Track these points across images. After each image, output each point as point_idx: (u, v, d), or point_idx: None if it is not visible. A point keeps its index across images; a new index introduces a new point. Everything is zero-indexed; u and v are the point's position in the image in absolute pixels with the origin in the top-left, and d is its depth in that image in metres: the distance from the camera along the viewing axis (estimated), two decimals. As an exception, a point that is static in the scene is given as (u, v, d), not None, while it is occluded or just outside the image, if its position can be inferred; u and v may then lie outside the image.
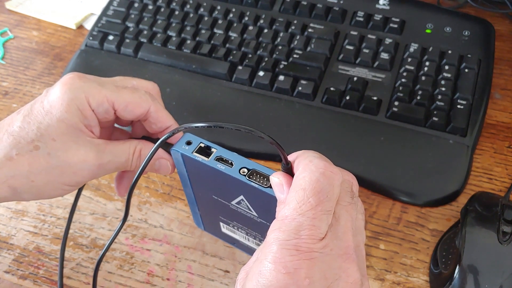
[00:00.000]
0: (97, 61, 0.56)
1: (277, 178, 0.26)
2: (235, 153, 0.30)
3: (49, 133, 0.31)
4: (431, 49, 0.50)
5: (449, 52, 0.50)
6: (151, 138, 0.37)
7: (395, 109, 0.47)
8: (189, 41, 0.55)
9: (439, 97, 0.47)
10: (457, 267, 0.36)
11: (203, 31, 0.56)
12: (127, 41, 0.56)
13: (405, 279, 0.40)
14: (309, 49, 0.52)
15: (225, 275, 0.41)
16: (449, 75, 0.48)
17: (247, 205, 0.32)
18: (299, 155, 0.26)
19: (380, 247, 0.42)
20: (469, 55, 0.49)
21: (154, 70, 0.54)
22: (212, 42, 0.54)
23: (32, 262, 0.43)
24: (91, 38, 0.57)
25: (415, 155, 0.45)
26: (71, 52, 0.60)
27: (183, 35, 0.56)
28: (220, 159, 0.30)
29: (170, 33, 0.56)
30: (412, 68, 0.49)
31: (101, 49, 0.57)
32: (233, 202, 0.32)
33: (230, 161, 0.30)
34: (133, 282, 0.41)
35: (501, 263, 0.36)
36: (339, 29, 0.54)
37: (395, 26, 0.52)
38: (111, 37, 0.57)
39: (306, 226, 0.23)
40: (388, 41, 0.51)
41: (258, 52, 0.53)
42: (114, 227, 0.45)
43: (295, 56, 0.52)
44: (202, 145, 0.31)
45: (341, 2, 0.55)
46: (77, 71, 0.43)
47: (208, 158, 0.30)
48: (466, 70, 0.49)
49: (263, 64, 0.52)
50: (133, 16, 0.58)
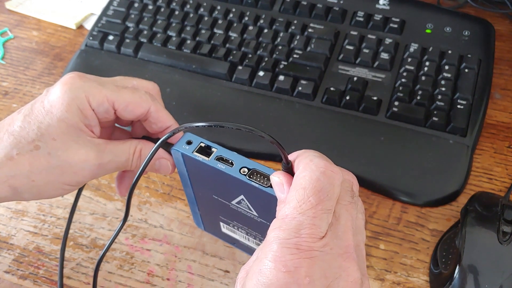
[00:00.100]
0: (97, 61, 0.56)
1: (277, 178, 0.26)
2: (235, 153, 0.30)
3: (49, 132, 0.31)
4: (431, 49, 0.50)
5: (449, 52, 0.50)
6: (151, 138, 0.37)
7: (395, 109, 0.47)
8: (189, 41, 0.55)
9: (439, 97, 0.47)
10: (457, 267, 0.36)
11: (203, 31, 0.56)
12: (127, 41, 0.56)
13: (405, 279, 0.40)
14: (309, 49, 0.52)
15: (225, 275, 0.41)
16: (449, 75, 0.48)
17: (247, 205, 0.32)
18: (300, 154, 0.26)
19: (380, 247, 0.42)
20: (469, 55, 0.50)
21: (154, 70, 0.54)
22: (212, 42, 0.55)
23: (32, 262, 0.43)
24: (91, 38, 0.57)
25: (415, 155, 0.45)
26: (71, 52, 0.60)
27: (183, 35, 0.56)
28: (220, 158, 0.30)
29: (170, 33, 0.56)
30: (412, 68, 0.49)
31: (101, 49, 0.57)
32: (234, 202, 0.32)
33: (230, 161, 0.30)
34: (133, 282, 0.41)
35: (501, 263, 0.36)
36: (339, 29, 0.54)
37: (395, 26, 0.52)
38: (111, 37, 0.57)
39: (306, 225, 0.23)
40: (388, 41, 0.51)
41: (258, 52, 0.53)
42: (114, 227, 0.45)
43: (295, 56, 0.52)
44: (203, 144, 0.31)
45: (341, 2, 0.55)
46: (77, 71, 0.43)
47: (209, 157, 0.30)
48: (466, 70, 0.49)
49: (263, 64, 0.52)
50: (133, 16, 0.58)
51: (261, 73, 0.51)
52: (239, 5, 0.57)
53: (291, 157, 0.27)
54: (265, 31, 0.54)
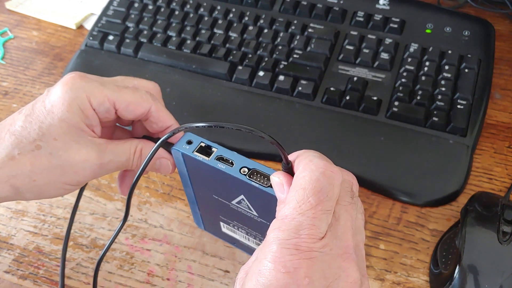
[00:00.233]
0: (97, 61, 0.56)
1: (277, 178, 0.26)
2: (235, 153, 0.30)
3: (50, 132, 0.31)
4: (431, 49, 0.50)
5: (449, 52, 0.50)
6: (152, 138, 0.37)
7: (395, 109, 0.47)
8: (189, 41, 0.55)
9: (439, 97, 0.47)
10: (457, 267, 0.37)
11: (203, 31, 0.56)
12: (127, 41, 0.56)
13: (405, 279, 0.40)
14: (309, 49, 0.52)
15: (225, 275, 0.41)
16: (449, 75, 0.48)
17: (247, 205, 0.32)
18: (300, 154, 0.27)
19: (380, 247, 0.42)
20: (469, 55, 0.50)
21: (154, 70, 0.54)
22: (212, 42, 0.55)
23: (32, 262, 0.43)
24: (91, 38, 0.57)
25: (415, 155, 0.45)
26: (71, 52, 0.60)
27: (183, 35, 0.56)
28: (220, 158, 0.30)
29: (170, 33, 0.56)
30: (412, 68, 0.49)
31: (101, 49, 0.57)
32: (234, 202, 0.32)
33: (230, 161, 0.30)
34: (133, 282, 0.41)
35: (501, 263, 0.36)
36: (339, 29, 0.54)
37: (395, 26, 0.52)
38: (111, 37, 0.57)
39: (306, 225, 0.23)
40: (388, 41, 0.51)
41: (258, 52, 0.53)
42: (114, 227, 0.45)
43: (295, 56, 0.52)
44: (203, 144, 0.31)
45: (341, 2, 0.55)
46: (77, 71, 0.43)
47: (209, 157, 0.30)
48: (466, 70, 0.49)
49: (263, 64, 0.52)
50: (133, 16, 0.58)
51: (261, 73, 0.51)
52: (239, 5, 0.58)
53: (291, 157, 0.27)
54: (265, 31, 0.54)
